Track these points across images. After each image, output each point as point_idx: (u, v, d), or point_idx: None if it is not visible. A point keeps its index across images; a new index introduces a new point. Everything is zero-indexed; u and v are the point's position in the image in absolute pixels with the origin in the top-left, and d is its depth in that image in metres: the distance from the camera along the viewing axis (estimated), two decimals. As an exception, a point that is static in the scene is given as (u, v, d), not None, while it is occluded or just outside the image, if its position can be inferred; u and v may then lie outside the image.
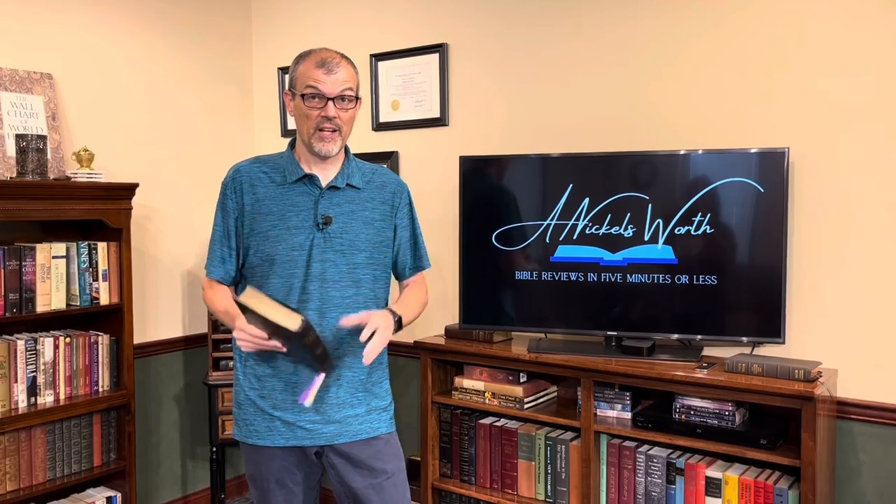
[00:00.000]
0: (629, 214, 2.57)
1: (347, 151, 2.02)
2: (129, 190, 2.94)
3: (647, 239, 2.55)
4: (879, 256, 2.33)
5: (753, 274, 2.43)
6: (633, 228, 2.57)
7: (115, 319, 2.96)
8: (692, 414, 2.40)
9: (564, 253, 2.67)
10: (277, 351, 1.84)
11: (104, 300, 2.89)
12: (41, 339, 2.77)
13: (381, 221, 2.02)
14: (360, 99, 1.96)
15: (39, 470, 2.78)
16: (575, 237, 2.65)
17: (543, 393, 2.80)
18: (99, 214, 2.86)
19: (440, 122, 3.19)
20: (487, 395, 2.79)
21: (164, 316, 3.45)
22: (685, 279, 2.51)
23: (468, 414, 2.87)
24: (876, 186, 2.33)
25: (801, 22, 2.43)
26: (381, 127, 3.38)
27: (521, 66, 2.99)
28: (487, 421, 2.83)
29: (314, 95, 1.88)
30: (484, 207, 2.79)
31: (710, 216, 2.47)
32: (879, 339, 2.34)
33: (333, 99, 1.88)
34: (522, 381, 2.75)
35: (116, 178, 3.13)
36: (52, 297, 2.76)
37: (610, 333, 2.64)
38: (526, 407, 2.72)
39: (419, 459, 3.03)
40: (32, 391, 2.74)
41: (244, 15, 3.80)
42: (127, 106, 3.30)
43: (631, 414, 2.53)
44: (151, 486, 3.42)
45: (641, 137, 2.71)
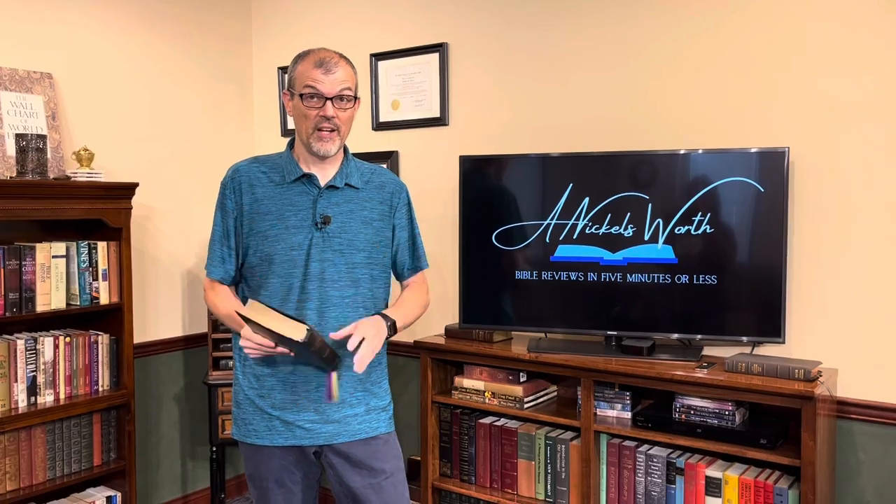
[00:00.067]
0: (629, 214, 2.56)
1: (346, 151, 2.02)
2: (128, 189, 2.94)
3: (647, 238, 2.55)
4: (879, 256, 2.33)
5: (753, 273, 2.43)
6: (633, 228, 2.57)
7: (114, 319, 2.96)
8: (692, 413, 2.40)
9: (564, 252, 2.66)
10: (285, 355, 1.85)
11: (104, 300, 2.89)
12: (41, 338, 2.77)
13: (379, 221, 2.02)
14: (358, 99, 1.96)
15: (39, 469, 2.78)
16: (575, 237, 2.65)
17: (543, 392, 2.80)
18: (99, 214, 2.86)
19: (440, 121, 3.19)
20: (487, 394, 2.79)
21: (163, 315, 3.45)
22: (685, 279, 2.51)
23: (468, 413, 2.87)
24: (876, 186, 2.33)
25: (801, 22, 2.43)
26: (381, 127, 3.38)
27: (521, 65, 2.99)
28: (487, 420, 2.83)
29: (312, 95, 1.88)
30: (484, 207, 2.79)
31: (710, 216, 2.46)
32: (879, 338, 2.33)
33: (332, 99, 1.88)
34: (522, 380, 2.75)
35: (116, 177, 3.13)
36: (51, 296, 2.77)
37: (610, 333, 2.64)
38: (526, 406, 2.72)
39: (419, 459, 3.03)
40: (32, 391, 2.74)
41: (244, 15, 3.80)
42: (127, 105, 3.30)
43: (631, 413, 2.53)
44: (151, 485, 3.42)
45: (641, 137, 2.71)
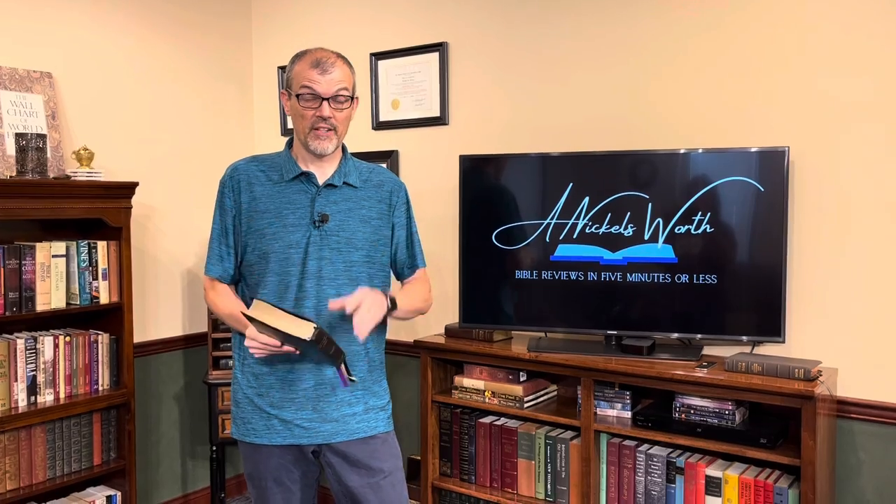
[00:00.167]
0: (629, 213, 2.56)
1: (345, 150, 2.02)
2: (128, 189, 2.94)
3: (647, 238, 2.55)
4: (879, 256, 2.33)
5: (753, 273, 2.43)
6: (633, 227, 2.56)
7: (114, 318, 2.96)
8: (692, 413, 2.40)
9: (564, 252, 2.66)
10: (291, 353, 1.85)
11: (104, 299, 2.89)
12: (41, 338, 2.77)
13: (378, 220, 2.02)
14: (356, 98, 1.96)
15: (39, 469, 2.78)
16: (575, 236, 2.64)
17: (543, 392, 2.80)
18: (99, 213, 2.86)
19: (440, 121, 3.19)
20: (487, 394, 2.79)
21: (163, 315, 3.45)
22: (685, 278, 2.51)
23: (468, 413, 2.87)
24: (876, 186, 2.32)
25: (801, 22, 2.42)
26: (380, 126, 3.38)
27: (521, 65, 2.99)
28: (487, 420, 2.82)
29: (309, 95, 1.88)
30: (484, 206, 2.79)
31: (710, 215, 2.46)
32: (879, 338, 2.33)
33: (328, 99, 1.88)
34: (522, 380, 2.75)
35: (116, 176, 3.13)
36: (51, 295, 2.77)
37: (610, 332, 2.63)
38: (526, 406, 2.71)
39: (419, 458, 3.03)
40: (32, 390, 2.74)
41: (244, 14, 3.80)
42: (127, 105, 3.30)
43: (631, 413, 2.53)
44: (151, 484, 3.42)
45: (641, 137, 2.71)
